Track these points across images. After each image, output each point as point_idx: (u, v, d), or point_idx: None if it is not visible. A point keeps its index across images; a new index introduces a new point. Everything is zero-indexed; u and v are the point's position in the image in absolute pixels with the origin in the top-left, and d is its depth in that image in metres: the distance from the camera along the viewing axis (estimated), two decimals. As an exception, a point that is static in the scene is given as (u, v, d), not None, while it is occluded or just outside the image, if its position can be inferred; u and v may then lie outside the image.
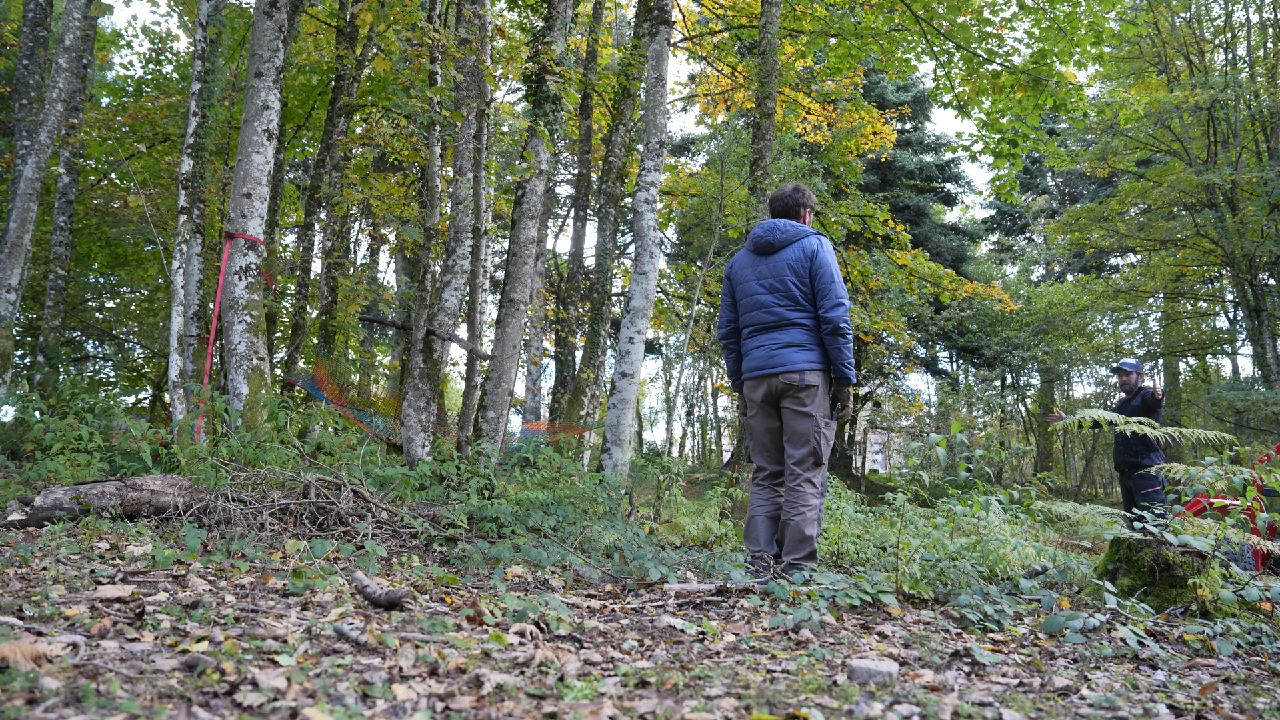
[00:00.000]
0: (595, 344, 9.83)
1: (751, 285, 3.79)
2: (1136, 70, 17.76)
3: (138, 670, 1.57)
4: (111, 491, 3.57)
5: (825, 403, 3.63)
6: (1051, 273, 27.12)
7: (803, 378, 3.60)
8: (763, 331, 3.74)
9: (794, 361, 3.61)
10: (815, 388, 3.60)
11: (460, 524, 4.01)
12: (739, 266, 3.90)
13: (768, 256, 3.78)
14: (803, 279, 3.66)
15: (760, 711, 1.61)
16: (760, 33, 8.91)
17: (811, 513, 3.53)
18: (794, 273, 3.67)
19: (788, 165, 12.28)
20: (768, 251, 3.78)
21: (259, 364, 5.57)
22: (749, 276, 3.82)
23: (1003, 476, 20.77)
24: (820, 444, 3.59)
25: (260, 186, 5.75)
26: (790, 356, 3.63)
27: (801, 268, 3.66)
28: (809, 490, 3.55)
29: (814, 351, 3.63)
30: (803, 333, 3.65)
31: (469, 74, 6.01)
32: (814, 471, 3.60)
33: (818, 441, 3.59)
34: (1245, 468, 3.37)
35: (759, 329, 3.76)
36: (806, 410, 3.60)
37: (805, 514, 3.52)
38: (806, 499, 3.54)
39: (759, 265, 3.79)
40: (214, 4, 7.69)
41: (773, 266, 3.74)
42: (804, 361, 3.61)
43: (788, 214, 3.88)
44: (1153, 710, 1.82)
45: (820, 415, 3.60)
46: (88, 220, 12.86)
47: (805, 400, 3.60)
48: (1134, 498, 6.43)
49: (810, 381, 3.60)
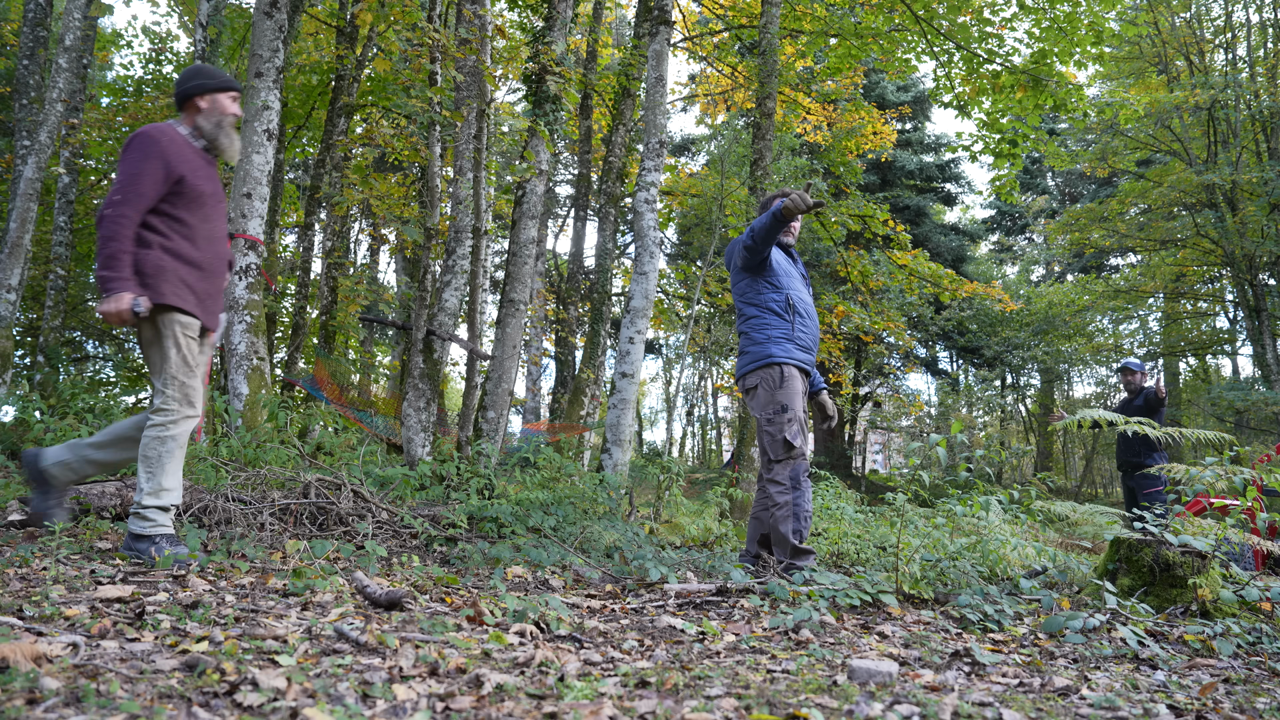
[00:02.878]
0: (595, 344, 9.83)
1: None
2: (1136, 70, 17.76)
3: (138, 670, 1.58)
4: (111, 491, 3.57)
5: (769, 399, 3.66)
6: (1051, 273, 27.12)
7: (744, 381, 3.76)
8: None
9: (738, 371, 3.80)
10: (754, 388, 3.72)
11: (460, 524, 4.01)
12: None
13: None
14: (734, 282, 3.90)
15: (760, 711, 1.61)
16: (760, 33, 8.92)
17: (781, 511, 3.57)
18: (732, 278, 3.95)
19: (788, 165, 12.28)
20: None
21: (259, 364, 5.58)
22: None
23: (1003, 476, 20.77)
24: (766, 441, 3.66)
25: (260, 186, 5.75)
26: (738, 366, 3.83)
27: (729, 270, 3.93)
28: (773, 490, 3.62)
29: (747, 354, 3.75)
30: (741, 338, 3.83)
31: (469, 74, 6.01)
32: (774, 470, 3.64)
33: (763, 439, 3.68)
34: (1245, 468, 3.36)
35: None
36: (753, 412, 3.76)
37: (775, 513, 3.59)
38: (772, 497, 3.62)
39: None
40: (214, 4, 7.69)
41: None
42: (741, 367, 3.79)
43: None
44: (1153, 710, 1.82)
45: (762, 414, 3.68)
46: (88, 220, 12.84)
47: (751, 402, 3.76)
48: (1135, 497, 6.44)
49: (749, 384, 3.74)
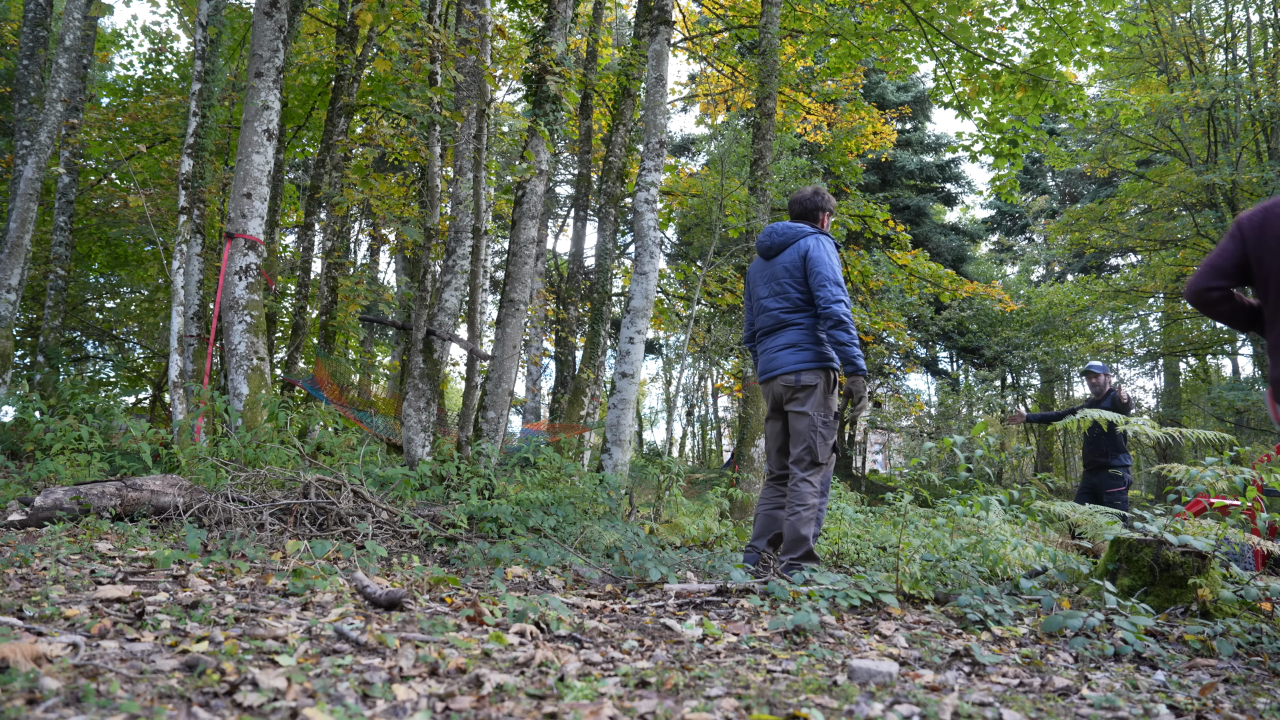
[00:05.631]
0: (595, 344, 9.83)
1: (758, 289, 3.86)
2: (1136, 70, 17.76)
3: (138, 670, 1.57)
4: (111, 491, 3.57)
5: (824, 402, 3.63)
6: (1051, 273, 27.10)
7: (798, 378, 3.62)
8: (766, 335, 3.81)
9: (788, 363, 3.65)
10: (812, 388, 3.61)
11: (460, 524, 4.00)
12: (751, 273, 3.97)
13: (770, 261, 3.84)
14: (798, 280, 3.69)
15: (760, 711, 1.61)
16: (760, 33, 8.91)
17: (808, 513, 3.52)
18: (790, 274, 3.70)
19: (788, 165, 12.28)
20: (769, 255, 3.84)
21: (259, 364, 5.57)
22: (758, 281, 3.89)
23: (1003, 477, 20.77)
24: (816, 443, 3.59)
25: (260, 186, 5.75)
26: (786, 358, 3.66)
27: (796, 268, 3.69)
28: (806, 490, 3.55)
29: (809, 351, 3.64)
30: (798, 332, 3.67)
31: (469, 74, 6.01)
32: (811, 471, 3.59)
33: (813, 440, 3.59)
34: (1245, 468, 3.36)
35: (764, 333, 3.83)
36: (803, 410, 3.62)
37: (800, 514, 3.52)
38: (804, 498, 3.54)
39: (764, 270, 3.86)
40: (214, 4, 7.68)
41: (773, 270, 3.79)
42: (798, 362, 3.63)
43: (804, 217, 3.91)
44: (1153, 710, 1.82)
45: (817, 415, 3.60)
46: (88, 220, 12.85)
47: (801, 400, 3.62)
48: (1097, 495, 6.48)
49: (805, 381, 3.61)
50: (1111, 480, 6.45)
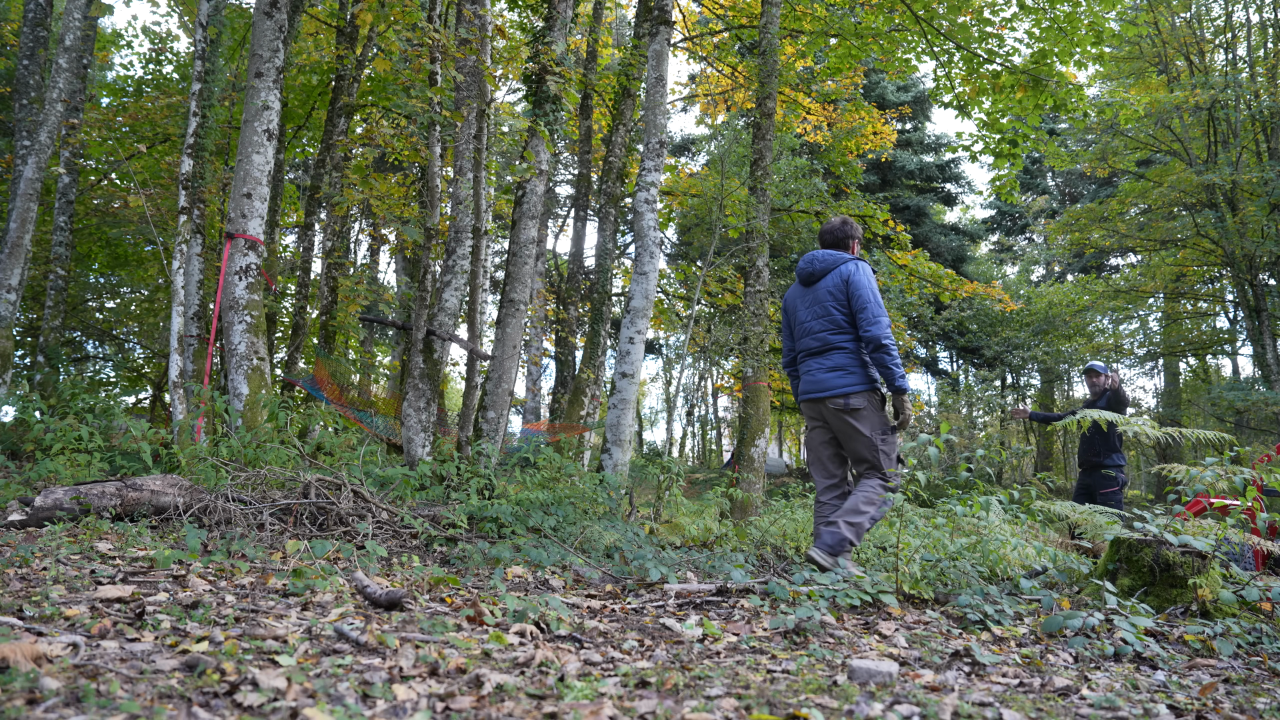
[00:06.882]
0: (595, 344, 9.83)
1: (801, 314, 4.06)
2: (1136, 70, 17.76)
3: (138, 670, 1.57)
4: (112, 491, 3.57)
5: (877, 419, 3.81)
6: (1051, 273, 27.11)
7: (847, 401, 3.80)
8: (811, 357, 3.99)
9: (836, 386, 3.83)
10: (862, 409, 3.79)
11: (460, 524, 4.00)
12: (790, 299, 4.17)
13: (811, 286, 4.03)
14: (841, 303, 3.88)
15: (760, 711, 1.61)
16: (760, 33, 8.91)
17: (875, 510, 3.69)
18: (834, 298, 3.90)
19: (788, 165, 12.27)
20: (810, 282, 4.04)
21: (259, 364, 5.57)
22: (799, 306, 4.08)
23: (1003, 476, 20.77)
24: (879, 459, 3.78)
25: (260, 187, 5.75)
26: (833, 381, 3.85)
27: (840, 292, 3.89)
28: (878, 481, 3.76)
29: (856, 374, 3.82)
30: (844, 355, 3.86)
31: (469, 74, 6.01)
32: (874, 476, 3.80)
33: (875, 458, 3.78)
34: (1245, 468, 3.36)
35: (808, 354, 4.01)
36: (859, 430, 3.80)
37: (869, 511, 3.68)
38: (875, 488, 3.74)
39: (805, 295, 4.05)
40: (214, 4, 7.68)
41: (816, 295, 3.99)
42: (846, 385, 3.82)
43: (836, 245, 4.12)
44: (1153, 710, 1.82)
45: (874, 433, 3.79)
46: (88, 220, 12.85)
47: (854, 422, 3.80)
48: (1091, 495, 6.50)
49: (855, 405, 3.79)
50: (1105, 480, 6.45)
